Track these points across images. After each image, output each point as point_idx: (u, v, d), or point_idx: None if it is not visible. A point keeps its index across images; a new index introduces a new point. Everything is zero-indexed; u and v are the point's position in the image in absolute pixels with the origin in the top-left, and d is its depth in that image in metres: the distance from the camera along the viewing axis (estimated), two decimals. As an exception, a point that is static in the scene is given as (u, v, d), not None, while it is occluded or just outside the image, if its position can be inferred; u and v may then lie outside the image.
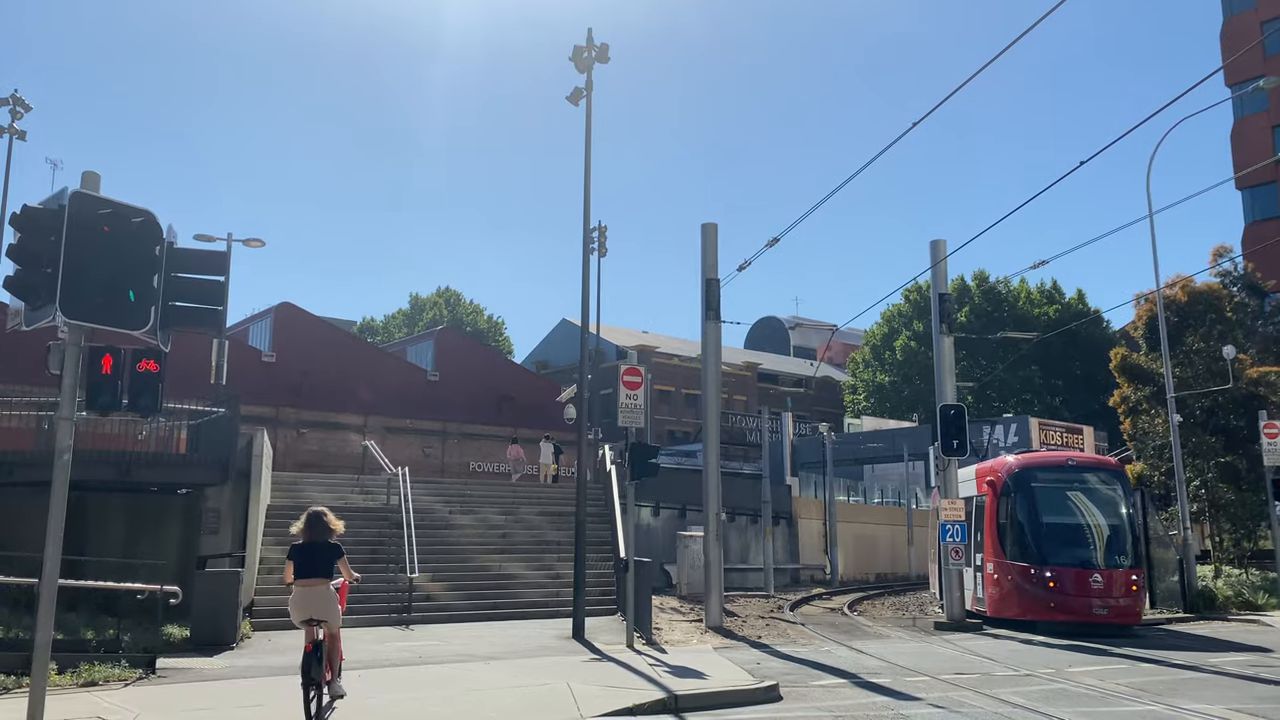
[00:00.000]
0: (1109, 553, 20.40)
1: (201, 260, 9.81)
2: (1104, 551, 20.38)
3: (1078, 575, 19.99)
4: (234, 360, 33.99)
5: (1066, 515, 20.91)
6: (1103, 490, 21.26)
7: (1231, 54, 58.05)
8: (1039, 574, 20.24)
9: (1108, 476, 21.67)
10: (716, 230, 21.79)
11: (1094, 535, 20.58)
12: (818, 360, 69.29)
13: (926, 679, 13.40)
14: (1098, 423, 60.26)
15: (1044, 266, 22.29)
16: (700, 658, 15.07)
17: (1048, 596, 20.04)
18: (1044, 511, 20.94)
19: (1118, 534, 20.70)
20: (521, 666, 13.91)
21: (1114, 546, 20.54)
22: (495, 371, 52.22)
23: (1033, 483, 21.22)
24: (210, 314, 9.75)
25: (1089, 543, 20.51)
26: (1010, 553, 21.00)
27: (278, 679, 12.93)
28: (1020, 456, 23.16)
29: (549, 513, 27.83)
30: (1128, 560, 20.53)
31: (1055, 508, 21.00)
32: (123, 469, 18.51)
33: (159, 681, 12.66)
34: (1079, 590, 19.86)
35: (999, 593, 21.24)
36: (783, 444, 55.90)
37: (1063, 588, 19.98)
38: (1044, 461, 22.59)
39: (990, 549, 21.57)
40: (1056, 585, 19.99)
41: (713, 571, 20.73)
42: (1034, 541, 20.73)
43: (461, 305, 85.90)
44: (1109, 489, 21.32)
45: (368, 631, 19.25)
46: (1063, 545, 20.49)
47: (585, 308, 19.01)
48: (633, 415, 17.28)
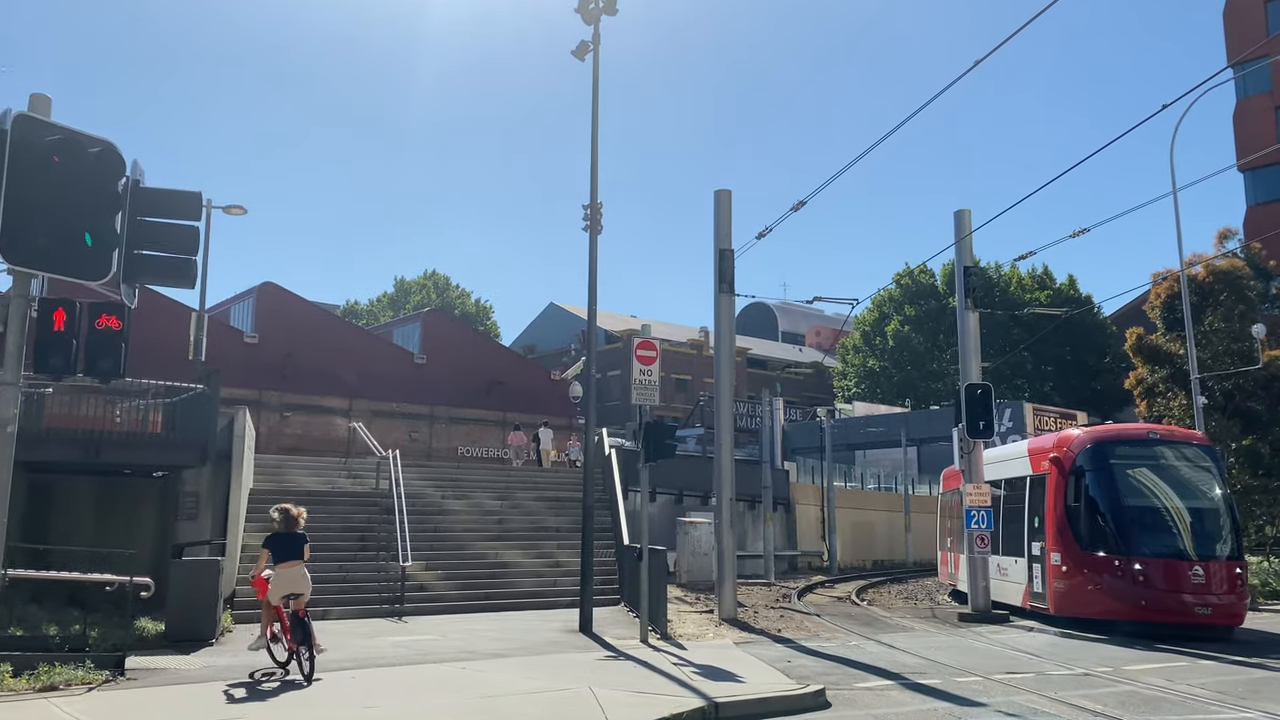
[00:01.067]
0: (1208, 541, 17.50)
1: (173, 202, 8.41)
2: (1202, 540, 17.45)
3: (1173, 568, 17.07)
4: (215, 341, 32.64)
5: (1156, 497, 18.02)
6: (1194, 468, 18.49)
7: (1235, 33, 57.24)
8: (1125, 566, 17.33)
9: (1198, 452, 18.82)
10: (730, 197, 20.34)
11: (1189, 521, 17.66)
12: (847, 312, 68.01)
13: (978, 679, 12.19)
14: (1088, 409, 60.03)
15: (1031, 255, 20.72)
16: (724, 655, 13.82)
17: (1136, 593, 17.12)
18: (1129, 493, 18.04)
19: (1216, 519, 17.96)
20: (532, 666, 12.60)
21: (1212, 534, 17.69)
22: (484, 354, 50.88)
23: (1111, 459, 18.31)
24: (183, 265, 8.36)
25: (1184, 530, 17.57)
26: (1085, 541, 18.09)
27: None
28: (1090, 430, 20.23)
29: (546, 498, 26.56)
30: (1228, 550, 17.64)
31: (1141, 488, 18.12)
32: (91, 450, 17.07)
33: (127, 685, 11.28)
34: (1175, 585, 16.96)
35: (1069, 587, 18.37)
36: (774, 429, 54.92)
37: (1155, 582, 17.08)
38: (1122, 435, 19.59)
39: (1056, 537, 18.69)
40: (1147, 580, 17.11)
41: (726, 560, 19.44)
42: (1117, 528, 17.79)
43: (449, 289, 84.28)
44: (1201, 467, 18.55)
45: (359, 624, 17.99)
46: (1153, 533, 17.61)
47: (593, 277, 17.54)
48: (647, 392, 15.95)
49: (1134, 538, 17.62)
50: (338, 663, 13.07)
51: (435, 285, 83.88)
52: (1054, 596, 18.77)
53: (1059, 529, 18.64)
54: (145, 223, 8.17)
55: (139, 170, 8.20)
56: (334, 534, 21.86)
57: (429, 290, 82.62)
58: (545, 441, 36.55)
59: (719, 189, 20.51)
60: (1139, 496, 18.08)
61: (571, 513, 25.47)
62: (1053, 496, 18.91)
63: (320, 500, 23.32)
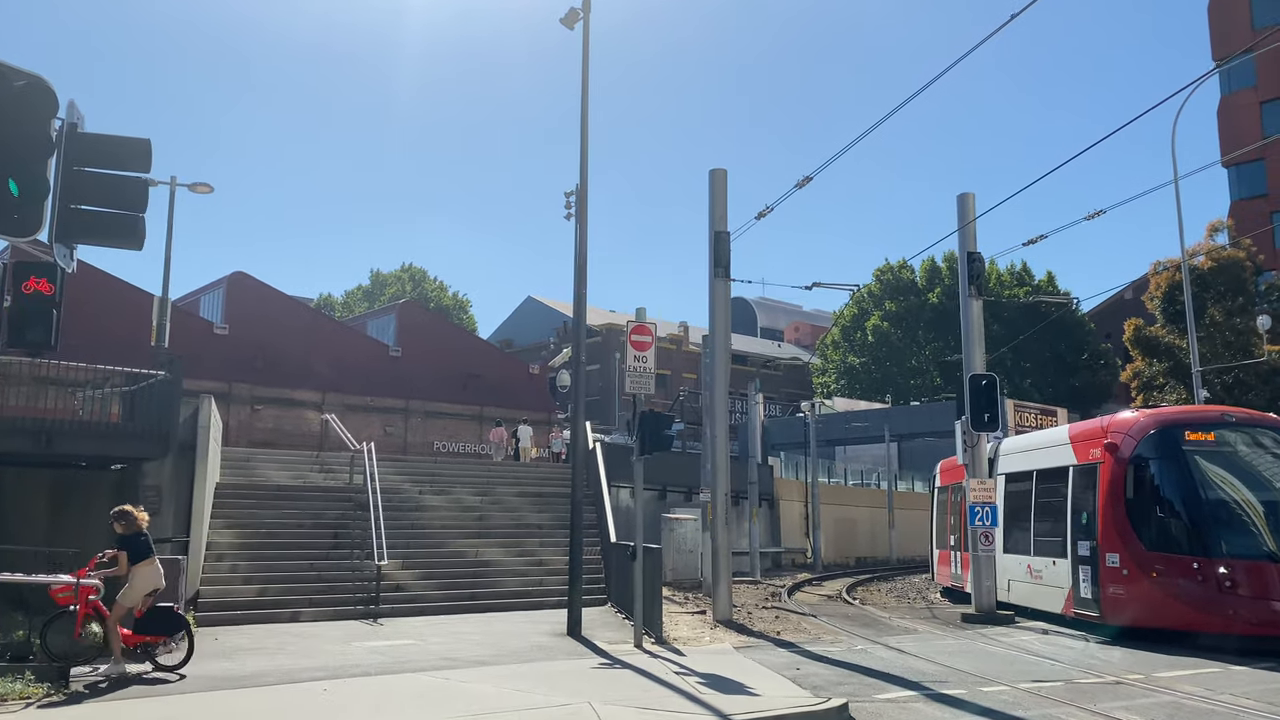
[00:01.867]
0: None
1: (116, 149, 7.29)
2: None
3: (1267, 572, 14.67)
4: (184, 332, 31.31)
5: (1242, 489, 15.57)
6: (1278, 456, 16.12)
7: (1219, 28, 56.93)
8: (1207, 570, 14.86)
9: (1278, 438, 16.43)
10: (725, 177, 19.27)
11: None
12: (833, 307, 67.39)
13: (1006, 689, 11.26)
14: (1067, 405, 59.89)
15: (1013, 250, 19.46)
16: (727, 662, 12.83)
17: (1222, 601, 14.72)
18: (1208, 484, 15.60)
19: None
20: (522, 676, 11.54)
21: None
22: (461, 348, 49.65)
23: (1183, 445, 15.94)
24: (128, 223, 7.23)
25: (1276, 527, 15.03)
26: (1152, 540, 15.76)
27: (221, 695, 10.50)
28: (1153, 412, 17.61)
29: (528, 493, 25.50)
30: None
31: (1222, 479, 15.71)
32: (41, 440, 15.80)
33: (70, 701, 10.13)
34: (1269, 593, 14.53)
35: (1131, 593, 15.94)
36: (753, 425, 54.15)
37: (1247, 589, 14.61)
38: (1193, 417, 16.95)
39: (1113, 535, 16.29)
40: (1234, 585, 14.66)
41: (721, 558, 18.41)
42: (1195, 525, 15.39)
43: (426, 281, 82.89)
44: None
45: (331, 626, 16.91)
46: (1239, 530, 15.11)
47: (582, 256, 16.48)
48: (643, 380, 14.91)
49: (1217, 536, 15.16)
50: (308, 672, 12.00)
51: (411, 278, 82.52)
52: (1110, 603, 16.39)
53: (1117, 526, 16.30)
54: (84, 173, 7.05)
55: (76, 112, 7.09)
56: (305, 531, 20.74)
57: (405, 283, 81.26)
58: (525, 439, 35.60)
59: (714, 168, 19.47)
60: (1221, 488, 15.68)
61: (555, 509, 24.44)
62: (1108, 489, 16.55)
63: (291, 495, 22.20)
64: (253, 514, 20.74)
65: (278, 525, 20.65)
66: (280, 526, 20.65)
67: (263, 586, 18.49)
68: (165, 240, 22.60)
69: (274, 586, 18.55)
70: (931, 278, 71.92)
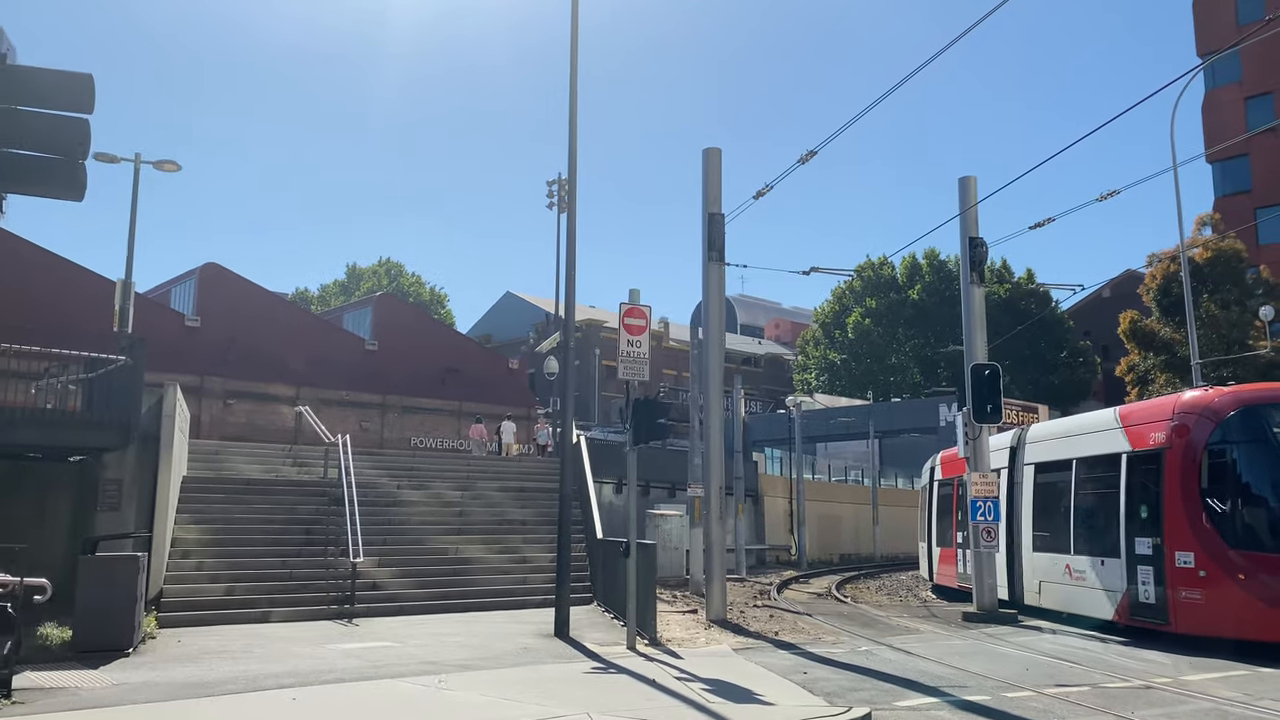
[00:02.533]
0: None
1: (53, 85, 6.36)
2: None
3: None
4: (154, 324, 30.16)
5: None
6: None
7: (1203, 22, 56.68)
8: None
9: None
10: (720, 156, 18.40)
11: None
12: (819, 302, 66.81)
13: (1032, 694, 10.49)
14: (1046, 402, 59.78)
15: (993, 247, 18.45)
16: (728, 665, 11.99)
17: None
18: None
19: None
20: (510, 682, 10.63)
21: None
22: (439, 342, 48.56)
23: (1274, 427, 14.11)
24: (66, 169, 6.30)
25: None
26: (1238, 536, 14.00)
27: (176, 706, 9.54)
28: (1230, 391, 15.60)
29: (510, 488, 24.57)
30: None
31: None
32: (-12, 429, 14.75)
33: (12, 712, 9.16)
34: None
35: (1212, 598, 13.96)
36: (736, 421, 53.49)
37: None
38: (1277, 395, 15.00)
39: (1186, 531, 14.37)
40: None
41: (715, 555, 17.57)
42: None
43: (404, 276, 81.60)
44: None
45: (305, 627, 15.95)
46: None
47: (572, 244, 15.56)
48: (636, 366, 14.02)
49: None
50: (276, 678, 11.05)
51: (389, 272, 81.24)
52: (1183, 609, 14.36)
53: (1189, 520, 14.38)
54: (15, 111, 6.13)
55: (6, 42, 6.19)
56: (277, 527, 19.75)
57: (382, 277, 80.00)
58: (508, 435, 34.66)
59: (708, 147, 18.60)
60: None
61: (538, 504, 23.58)
62: (1179, 477, 14.64)
63: (262, 490, 21.21)
64: (222, 509, 19.74)
65: (248, 521, 19.64)
66: (250, 522, 19.64)
67: (231, 585, 17.49)
68: (130, 221, 21.52)
69: (243, 585, 17.56)
70: (912, 274, 71.59)
